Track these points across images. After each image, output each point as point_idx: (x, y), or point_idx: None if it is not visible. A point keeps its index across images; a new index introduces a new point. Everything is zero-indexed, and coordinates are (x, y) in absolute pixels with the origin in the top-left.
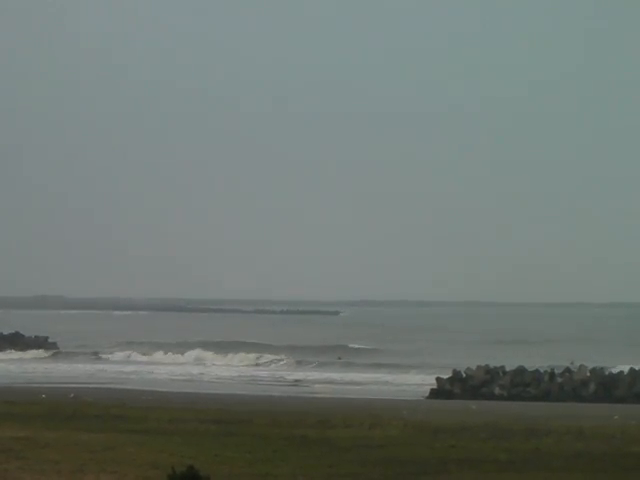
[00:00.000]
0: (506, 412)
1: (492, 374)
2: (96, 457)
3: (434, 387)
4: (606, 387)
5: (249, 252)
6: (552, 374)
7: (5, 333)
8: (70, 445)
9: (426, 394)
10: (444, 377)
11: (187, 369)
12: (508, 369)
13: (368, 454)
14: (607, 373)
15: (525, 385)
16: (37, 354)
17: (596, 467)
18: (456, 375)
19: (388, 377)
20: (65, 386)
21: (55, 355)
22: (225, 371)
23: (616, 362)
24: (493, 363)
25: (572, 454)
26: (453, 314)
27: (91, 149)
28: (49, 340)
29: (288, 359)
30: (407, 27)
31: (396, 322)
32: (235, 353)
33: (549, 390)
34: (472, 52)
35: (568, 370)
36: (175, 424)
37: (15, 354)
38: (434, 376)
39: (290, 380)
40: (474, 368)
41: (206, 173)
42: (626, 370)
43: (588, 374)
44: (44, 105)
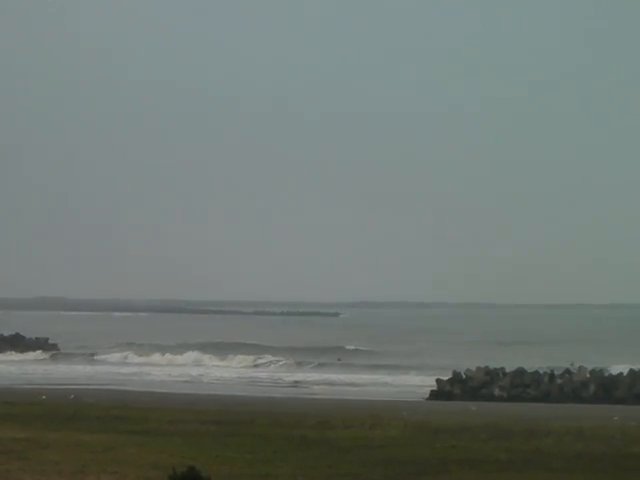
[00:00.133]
0: (506, 413)
1: (492, 375)
2: (97, 458)
3: (434, 388)
4: (606, 388)
5: (249, 253)
6: (552, 375)
7: (5, 335)
8: (71, 446)
9: (426, 395)
10: (444, 378)
11: (187, 370)
12: (508, 370)
13: (368, 455)
14: (607, 374)
15: (525, 386)
16: (37, 355)
17: (596, 468)
18: (456, 376)
19: (388, 378)
20: (65, 387)
21: (55, 356)
22: (224, 372)
23: (616, 363)
24: (493, 364)
25: (572, 455)
26: (453, 315)
27: (91, 149)
28: (49, 342)
29: (288, 360)
30: (407, 27)
31: (396, 323)
32: (235, 354)
33: (549, 391)
34: (472, 52)
35: (568, 371)
36: (175, 425)
37: (15, 355)
38: (434, 377)
39: (290, 381)
40: (474, 369)
41: (206, 173)
42: (626, 371)
43: (588, 375)
44: (44, 105)
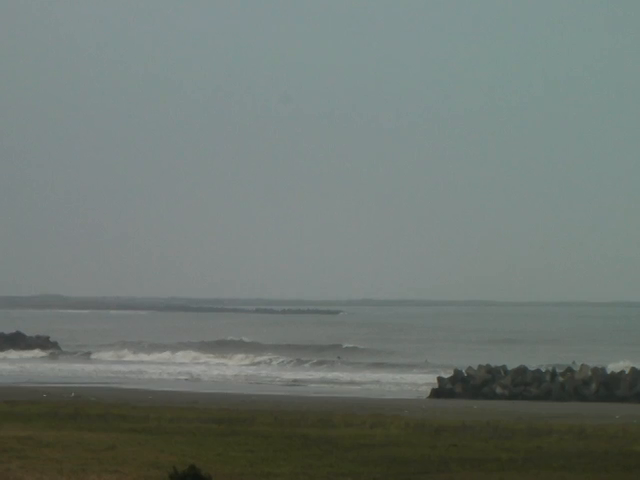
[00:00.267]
0: (507, 411)
1: (493, 373)
2: (98, 456)
3: (435, 387)
4: (608, 386)
5: (250, 251)
6: (553, 373)
7: (6, 333)
8: (72, 444)
9: (427, 394)
10: (445, 376)
11: (186, 369)
12: (509, 368)
13: (369, 453)
14: (609, 372)
15: (526, 384)
16: (38, 354)
17: (598, 466)
18: (457, 374)
19: (389, 376)
20: (66, 385)
21: (56, 355)
22: (225, 370)
23: (618, 361)
24: (494, 362)
25: (574, 453)
26: (454, 313)
27: (92, 149)
28: (50, 340)
29: (288, 358)
30: (407, 28)
31: (396, 321)
32: (235, 352)
33: (550, 389)
34: (472, 51)
35: (569, 369)
36: (176, 423)
37: (16, 354)
38: (435, 375)
39: (290, 379)
40: (475, 367)
41: (207, 173)
42: (627, 369)
43: (589, 373)
44: (44, 106)
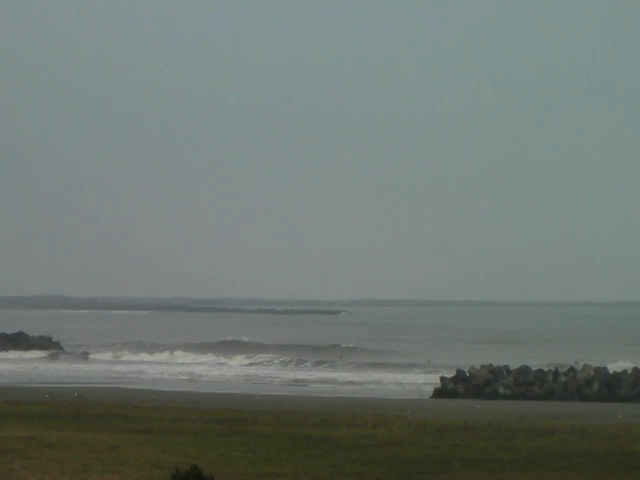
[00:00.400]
0: (510, 411)
1: (496, 373)
2: (100, 457)
3: (438, 386)
4: (610, 386)
5: (252, 252)
6: (556, 373)
7: (9, 333)
8: (74, 445)
9: (430, 393)
10: (448, 376)
11: (189, 369)
12: (512, 368)
13: (372, 453)
14: (611, 372)
15: (529, 384)
16: (40, 354)
17: (600, 466)
18: (460, 374)
19: (391, 376)
20: (68, 386)
21: (58, 355)
22: (226, 370)
23: (620, 361)
24: (496, 362)
25: (576, 453)
26: (456, 313)
27: (93, 148)
28: (52, 340)
29: (290, 358)
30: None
31: (398, 321)
32: (236, 352)
33: (553, 389)
34: (472, 51)
35: (572, 369)
36: (178, 423)
37: (19, 354)
38: (437, 375)
39: (292, 379)
40: (478, 367)
41: (208, 173)
42: (630, 369)
43: (592, 373)
44: (45, 106)
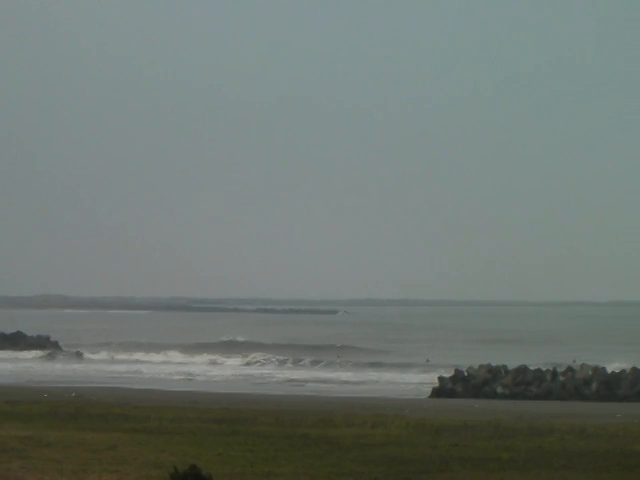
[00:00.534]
0: (508, 411)
1: (494, 373)
2: (98, 456)
3: (436, 386)
4: (608, 386)
5: (251, 251)
6: (554, 373)
7: (7, 333)
8: (72, 444)
9: (428, 393)
10: (446, 376)
11: (187, 368)
12: (510, 368)
13: (370, 453)
14: (609, 372)
15: (527, 384)
16: (39, 353)
17: (599, 466)
18: (458, 374)
19: (389, 376)
20: (67, 385)
21: (57, 354)
22: (225, 370)
23: (618, 361)
24: (495, 362)
25: (574, 453)
26: (455, 313)
27: (93, 149)
28: (51, 339)
29: (288, 358)
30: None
31: (397, 321)
32: (235, 352)
33: (551, 389)
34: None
35: (570, 369)
36: (177, 423)
37: (17, 354)
38: (436, 375)
39: (290, 379)
40: (476, 367)
41: (208, 173)
42: (628, 369)
43: (590, 373)
44: (45, 105)
